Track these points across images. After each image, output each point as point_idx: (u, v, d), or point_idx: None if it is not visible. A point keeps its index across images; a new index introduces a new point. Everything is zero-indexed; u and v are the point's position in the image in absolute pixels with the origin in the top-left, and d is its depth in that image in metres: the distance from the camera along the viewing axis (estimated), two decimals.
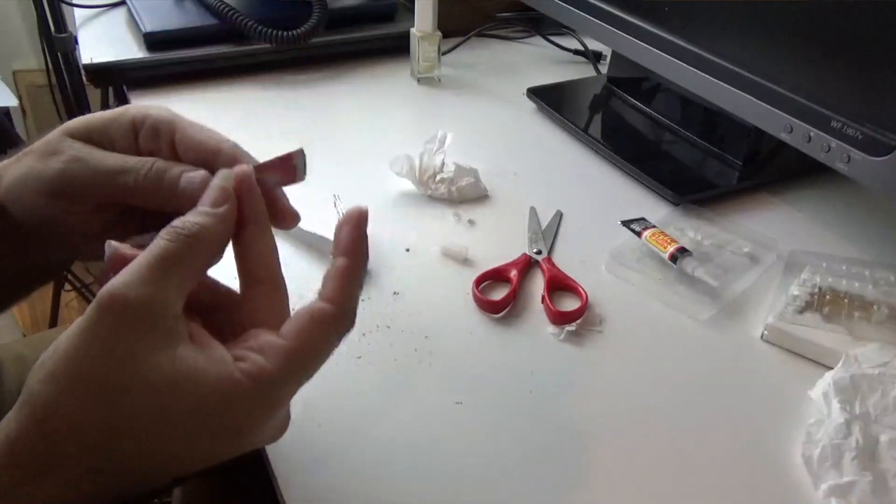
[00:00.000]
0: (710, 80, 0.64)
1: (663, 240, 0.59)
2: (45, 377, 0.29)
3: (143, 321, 0.29)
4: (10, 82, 1.87)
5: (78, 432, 0.29)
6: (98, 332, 0.29)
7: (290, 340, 0.32)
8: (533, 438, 0.46)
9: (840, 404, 0.46)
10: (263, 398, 0.31)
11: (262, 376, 0.31)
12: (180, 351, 0.30)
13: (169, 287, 0.31)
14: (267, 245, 0.35)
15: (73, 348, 0.29)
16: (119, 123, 0.39)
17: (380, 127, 0.82)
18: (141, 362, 0.29)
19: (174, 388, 0.29)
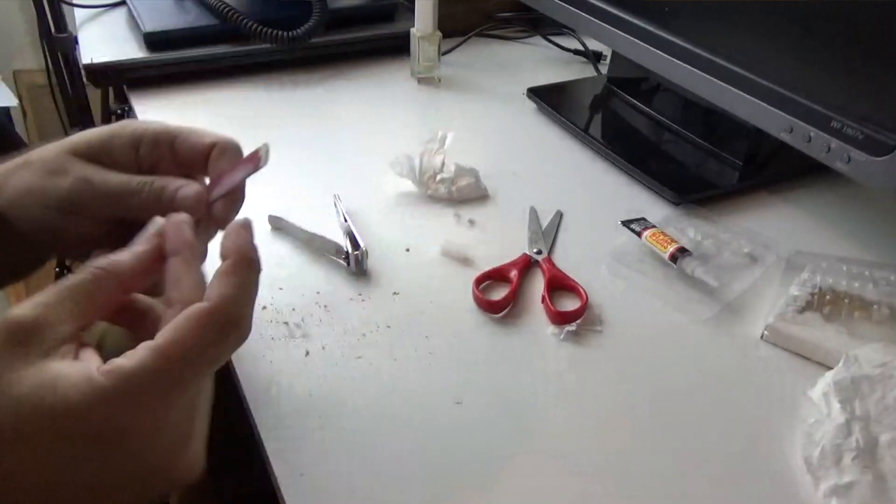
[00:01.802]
0: (711, 80, 0.64)
1: (663, 240, 0.59)
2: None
3: (24, 337, 0.30)
4: (10, 82, 1.87)
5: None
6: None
7: (160, 340, 0.31)
8: (533, 438, 0.46)
9: (840, 404, 0.46)
10: (121, 397, 0.29)
11: (117, 373, 0.29)
12: (49, 364, 0.30)
13: (60, 310, 0.32)
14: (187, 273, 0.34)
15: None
16: (120, 139, 0.41)
17: (380, 127, 0.82)
18: (10, 375, 0.29)
19: (31, 397, 0.29)
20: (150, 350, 0.30)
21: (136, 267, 0.35)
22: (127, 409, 0.29)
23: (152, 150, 0.41)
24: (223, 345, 0.32)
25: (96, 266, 0.34)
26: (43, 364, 0.30)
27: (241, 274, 0.33)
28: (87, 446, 0.29)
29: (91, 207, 0.40)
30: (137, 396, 0.30)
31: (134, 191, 0.40)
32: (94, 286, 0.33)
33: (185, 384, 0.31)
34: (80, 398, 0.29)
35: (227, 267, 0.34)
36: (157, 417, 0.30)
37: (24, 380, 0.29)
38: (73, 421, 0.29)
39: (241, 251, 0.34)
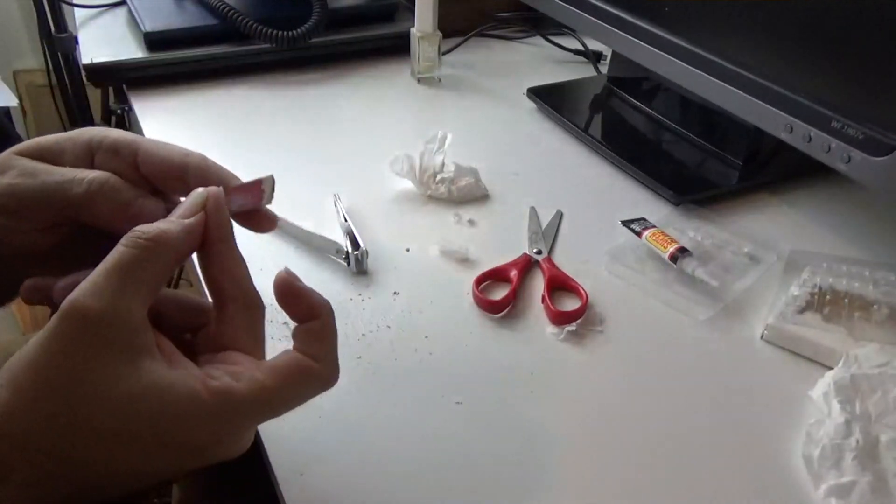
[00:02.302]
0: (711, 80, 0.64)
1: (663, 240, 0.59)
2: (7, 382, 0.29)
3: (104, 333, 0.29)
4: (11, 82, 1.87)
5: (34, 438, 0.29)
6: (59, 342, 0.29)
7: (267, 377, 0.32)
8: (533, 438, 0.46)
9: (840, 404, 0.46)
10: (226, 419, 0.31)
11: (227, 396, 0.31)
12: (145, 364, 0.30)
13: (129, 296, 0.30)
14: (236, 263, 0.35)
15: (34, 356, 0.29)
16: (74, 142, 0.38)
17: (380, 127, 0.82)
18: (101, 374, 0.29)
19: (135, 402, 0.29)
20: (260, 386, 0.32)
21: (187, 239, 0.33)
22: (225, 429, 0.32)
23: (110, 159, 0.38)
24: (308, 399, 0.34)
25: (144, 237, 0.31)
26: (134, 363, 0.30)
27: (335, 333, 0.35)
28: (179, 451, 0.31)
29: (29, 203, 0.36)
30: (237, 421, 0.32)
31: (78, 179, 0.36)
32: (149, 263, 0.31)
33: (269, 418, 0.34)
34: (188, 412, 0.30)
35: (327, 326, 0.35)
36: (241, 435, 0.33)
37: (121, 381, 0.29)
38: (176, 432, 0.30)
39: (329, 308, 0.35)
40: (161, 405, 0.30)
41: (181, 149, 0.38)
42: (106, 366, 0.29)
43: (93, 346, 0.29)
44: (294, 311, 0.35)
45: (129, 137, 0.38)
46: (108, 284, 0.30)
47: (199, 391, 0.30)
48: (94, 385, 0.29)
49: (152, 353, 0.31)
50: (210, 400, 0.30)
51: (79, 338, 0.29)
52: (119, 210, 0.36)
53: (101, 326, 0.29)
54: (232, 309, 0.34)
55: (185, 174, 0.37)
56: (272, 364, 0.33)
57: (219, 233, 0.34)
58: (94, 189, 0.36)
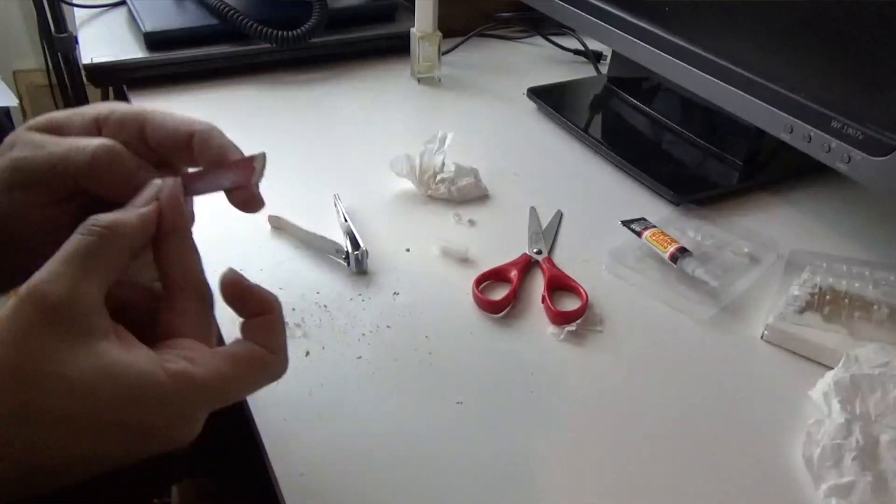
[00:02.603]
0: (711, 80, 0.64)
1: (663, 240, 0.59)
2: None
3: (61, 317, 0.30)
4: (10, 82, 1.87)
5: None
6: (15, 324, 0.29)
7: (224, 364, 0.33)
8: (533, 438, 0.46)
9: (840, 404, 0.46)
10: (182, 403, 0.31)
11: (186, 379, 0.31)
12: (102, 346, 0.30)
13: (85, 282, 0.31)
14: (188, 254, 0.35)
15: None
16: (81, 116, 0.39)
17: (380, 127, 0.82)
18: (58, 356, 0.29)
19: (90, 383, 0.30)
20: (216, 371, 0.32)
21: (142, 228, 0.34)
22: (181, 412, 0.32)
23: (118, 132, 0.38)
24: (259, 388, 0.35)
25: (99, 225, 0.32)
26: (90, 345, 0.30)
27: (283, 325, 0.36)
28: (133, 433, 0.31)
29: (38, 174, 0.36)
30: (193, 403, 0.32)
31: (83, 147, 0.36)
32: (105, 250, 0.32)
33: (221, 405, 0.34)
34: (144, 393, 0.30)
35: (276, 321, 0.35)
36: (194, 419, 0.33)
37: (77, 362, 0.29)
38: (131, 412, 0.30)
39: (277, 303, 0.36)
40: (118, 386, 0.30)
41: (189, 119, 0.39)
42: (63, 349, 0.30)
43: (50, 330, 0.30)
44: (245, 308, 0.35)
45: (136, 110, 0.39)
46: (66, 270, 0.30)
47: (157, 373, 0.30)
48: (50, 367, 0.29)
49: (109, 336, 0.31)
50: (168, 382, 0.30)
51: (36, 322, 0.29)
52: (122, 179, 0.36)
53: (58, 311, 0.30)
54: (182, 298, 0.34)
55: (191, 144, 0.38)
56: (230, 352, 0.33)
57: (172, 223, 0.35)
58: (98, 156, 0.36)
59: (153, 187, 0.36)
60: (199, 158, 0.38)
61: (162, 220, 0.35)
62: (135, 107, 0.39)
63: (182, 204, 0.36)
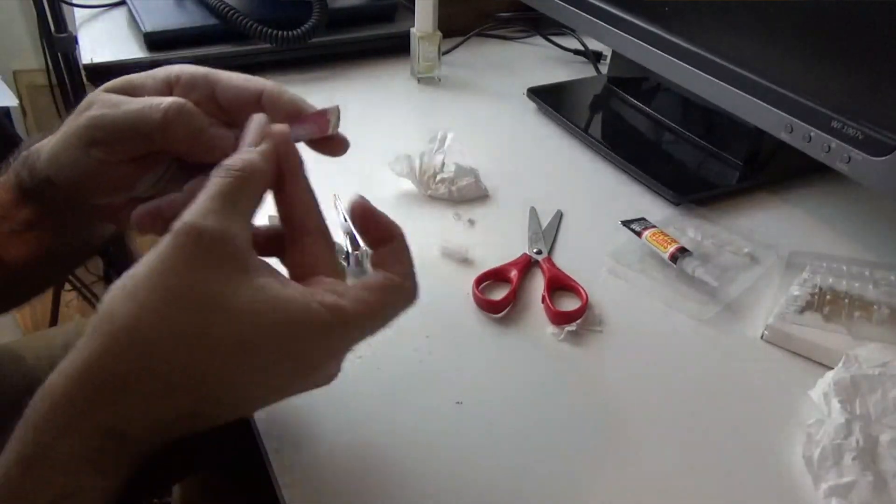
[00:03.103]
0: (711, 80, 0.64)
1: (663, 240, 0.59)
2: (125, 297, 0.30)
3: (219, 250, 0.31)
4: (10, 82, 1.87)
5: (158, 345, 0.29)
6: (176, 256, 0.30)
7: (368, 294, 0.33)
8: (533, 438, 0.46)
9: (840, 404, 0.45)
10: (337, 334, 0.32)
11: (340, 312, 0.32)
12: (261, 281, 0.31)
13: (234, 219, 0.32)
14: (309, 197, 0.37)
15: (153, 270, 0.30)
16: (154, 78, 0.40)
17: (380, 127, 0.82)
18: (221, 286, 0.30)
19: (257, 314, 0.30)
20: (363, 302, 0.33)
21: (268, 168, 0.35)
22: (338, 344, 0.33)
23: (188, 92, 0.40)
24: (399, 314, 0.36)
25: (235, 168, 0.33)
26: (250, 279, 0.31)
27: (410, 253, 0.37)
28: (299, 365, 0.32)
29: (114, 133, 0.38)
30: (347, 335, 0.33)
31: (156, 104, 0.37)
32: (245, 189, 0.33)
33: (369, 336, 0.35)
34: (307, 326, 0.31)
35: (403, 247, 0.37)
36: (344, 352, 0.35)
37: (243, 294, 0.30)
38: (298, 344, 0.31)
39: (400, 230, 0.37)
40: (281, 318, 0.31)
41: (257, 78, 0.40)
42: (225, 280, 0.30)
43: (210, 261, 0.30)
44: (372, 234, 0.37)
45: (205, 71, 0.41)
46: (216, 208, 0.31)
47: (315, 306, 0.31)
48: (215, 296, 0.30)
49: (263, 272, 0.32)
50: (326, 315, 0.31)
51: (196, 253, 0.30)
52: (194, 136, 0.38)
53: (216, 244, 0.31)
54: (310, 240, 0.35)
55: (260, 102, 0.40)
56: (369, 283, 0.34)
57: (289, 168, 0.36)
58: (171, 114, 0.37)
59: (258, 122, 0.37)
60: (270, 114, 0.39)
61: (281, 164, 0.36)
62: (203, 68, 0.41)
63: (294, 147, 0.37)
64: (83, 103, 0.39)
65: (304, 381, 0.34)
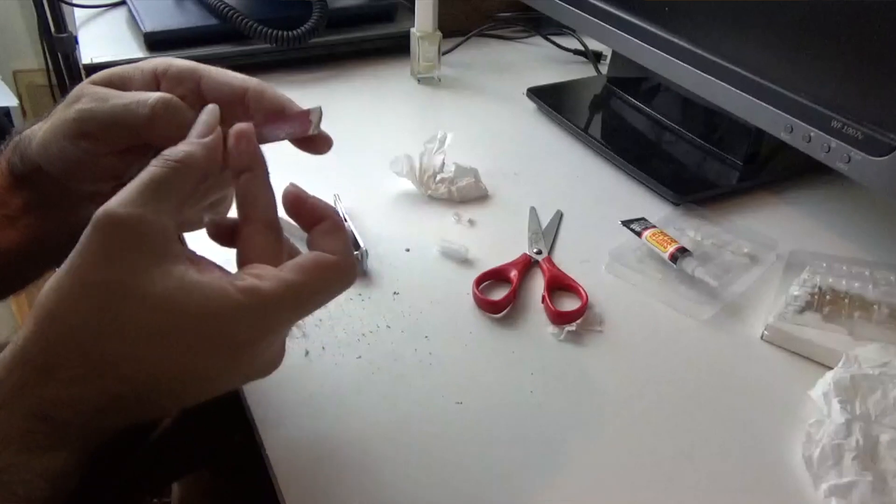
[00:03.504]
0: (711, 80, 0.64)
1: (663, 240, 0.59)
2: (50, 286, 0.31)
3: (137, 237, 0.31)
4: (10, 82, 1.87)
5: (76, 332, 0.31)
6: (94, 246, 0.31)
7: (290, 273, 0.33)
8: (533, 439, 0.46)
9: (840, 404, 0.45)
10: (256, 315, 0.32)
11: (255, 293, 0.32)
12: (179, 268, 0.32)
13: (159, 208, 0.32)
14: (261, 189, 0.37)
15: (72, 262, 0.31)
16: (141, 71, 0.41)
17: (380, 127, 0.82)
18: (138, 273, 0.31)
19: (170, 300, 0.31)
20: (283, 281, 0.33)
21: (209, 159, 0.36)
22: (259, 325, 0.33)
23: (175, 87, 0.40)
24: (334, 294, 0.36)
25: (172, 158, 0.34)
26: (165, 266, 0.32)
27: (346, 232, 0.37)
28: (220, 347, 0.32)
29: (102, 126, 0.38)
30: (269, 317, 0.33)
31: (143, 100, 0.38)
32: (176, 180, 0.34)
33: (301, 316, 0.35)
34: (222, 308, 0.31)
35: (337, 224, 0.37)
36: (274, 337, 0.34)
37: (156, 280, 0.31)
38: (214, 325, 0.32)
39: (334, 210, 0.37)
40: (196, 301, 0.31)
41: (241, 75, 0.41)
42: (141, 266, 0.31)
43: (127, 249, 0.31)
44: (303, 217, 0.37)
45: (192, 66, 0.41)
46: (137, 196, 0.32)
47: (228, 289, 0.32)
48: (132, 283, 0.31)
49: (182, 259, 0.33)
50: (240, 296, 0.32)
51: (113, 242, 0.31)
52: (180, 131, 0.38)
53: (132, 231, 0.31)
54: (252, 229, 0.36)
55: (245, 99, 0.40)
56: (294, 262, 0.34)
57: (246, 162, 0.37)
58: (157, 110, 0.38)
59: (209, 113, 0.38)
60: (253, 111, 0.40)
61: (237, 159, 0.36)
62: (190, 62, 0.42)
63: (255, 144, 0.37)
64: (72, 94, 0.40)
65: (237, 367, 0.34)
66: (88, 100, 0.39)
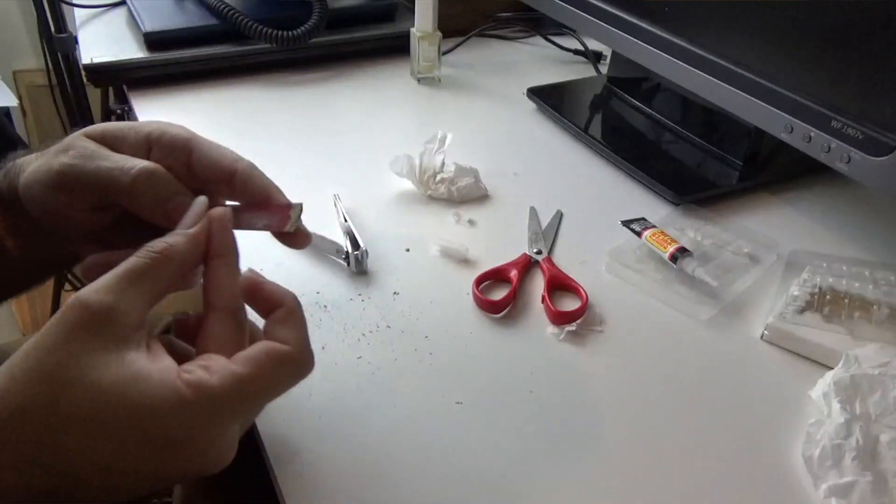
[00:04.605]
0: (710, 80, 0.64)
1: (663, 240, 0.59)
2: (5, 366, 0.31)
3: (100, 324, 0.31)
4: (10, 82, 1.87)
5: (20, 420, 0.30)
6: (58, 329, 0.31)
7: (239, 366, 0.33)
8: (533, 438, 0.46)
9: (840, 404, 0.46)
10: (201, 411, 0.31)
11: (202, 388, 0.31)
12: (131, 356, 0.32)
13: (131, 298, 0.32)
14: (228, 277, 0.36)
15: (33, 342, 0.31)
16: (135, 132, 0.41)
17: (380, 127, 0.82)
18: (90, 361, 0.31)
19: (115, 389, 0.30)
20: (231, 376, 0.32)
21: (192, 251, 0.35)
22: (201, 423, 0.32)
23: (164, 157, 0.40)
24: (290, 385, 0.35)
25: (154, 250, 0.34)
26: (120, 354, 0.31)
27: (303, 319, 0.36)
28: (156, 444, 0.31)
29: (82, 184, 0.38)
30: (213, 414, 0.32)
31: (127, 168, 0.38)
32: (156, 271, 0.34)
33: (252, 412, 0.35)
34: (163, 403, 0.31)
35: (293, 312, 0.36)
36: (218, 433, 0.33)
37: (105, 368, 0.31)
38: (151, 421, 0.31)
39: (292, 296, 0.37)
40: (138, 393, 0.31)
41: (232, 154, 0.41)
42: (96, 355, 0.31)
43: (87, 336, 0.31)
44: (259, 305, 0.37)
45: (185, 137, 0.41)
46: (112, 285, 0.32)
47: (174, 382, 0.31)
48: (80, 370, 0.30)
49: (139, 346, 0.32)
50: (184, 390, 0.31)
51: (76, 328, 0.31)
52: (158, 203, 0.38)
53: (97, 318, 0.31)
54: (214, 318, 0.35)
55: (232, 179, 0.40)
56: (244, 354, 0.34)
57: (217, 250, 0.37)
58: (139, 180, 0.38)
59: (199, 204, 0.38)
60: (239, 195, 0.40)
61: (210, 245, 0.36)
62: (186, 132, 0.41)
63: (230, 230, 0.37)
64: (65, 142, 0.40)
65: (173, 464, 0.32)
66: (75, 154, 0.39)
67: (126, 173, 0.38)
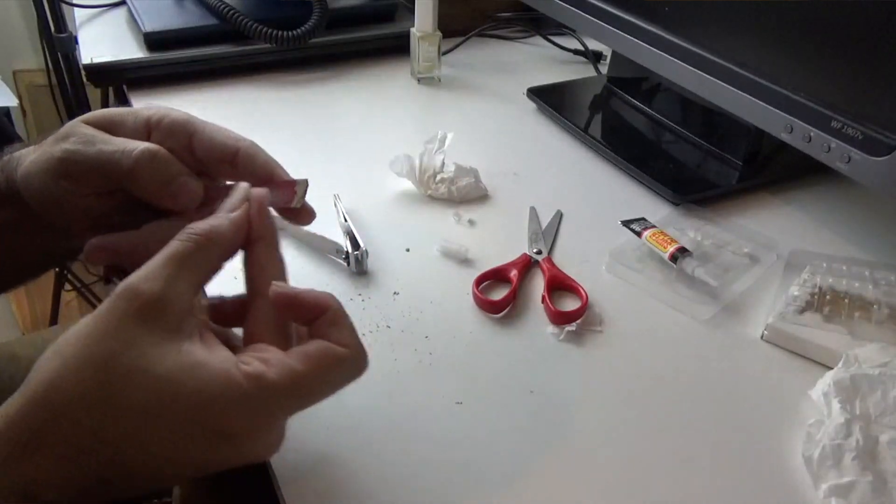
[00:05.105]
0: (710, 80, 0.64)
1: (663, 240, 0.59)
2: (52, 354, 0.31)
3: (153, 313, 0.31)
4: (10, 82, 1.87)
5: (73, 409, 0.30)
6: (109, 317, 0.31)
7: (298, 362, 0.33)
8: (533, 438, 0.46)
9: (840, 404, 0.46)
10: (258, 405, 0.31)
11: (260, 383, 0.31)
12: (185, 346, 0.31)
13: (179, 284, 0.32)
14: (272, 260, 0.36)
15: (83, 330, 0.31)
16: (135, 117, 0.40)
17: (380, 127, 0.82)
18: (145, 350, 0.30)
19: (173, 380, 0.30)
20: (291, 371, 0.32)
21: (235, 234, 0.35)
22: (257, 416, 0.32)
23: (165, 139, 0.40)
24: (341, 386, 0.35)
25: (196, 233, 0.34)
26: (176, 344, 0.31)
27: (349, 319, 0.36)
28: (211, 435, 0.31)
29: (85, 169, 0.38)
30: (269, 407, 0.32)
31: (128, 150, 0.37)
32: (200, 255, 0.34)
33: (304, 407, 0.34)
34: (221, 394, 0.31)
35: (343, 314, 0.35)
36: (271, 426, 0.33)
37: (161, 358, 0.31)
38: (209, 412, 0.31)
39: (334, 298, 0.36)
40: (197, 385, 0.31)
41: (234, 134, 0.41)
42: (150, 344, 0.31)
43: (140, 325, 0.31)
44: (301, 314, 0.35)
45: (185, 119, 0.41)
46: (162, 272, 0.32)
47: (233, 374, 0.31)
48: (135, 361, 0.30)
49: (193, 336, 0.32)
50: (244, 383, 0.31)
51: (129, 316, 0.31)
52: (160, 184, 0.38)
53: (150, 308, 0.31)
54: (260, 303, 0.35)
55: (235, 159, 0.40)
56: (302, 350, 0.33)
57: (259, 232, 0.36)
58: (141, 162, 0.37)
59: (241, 190, 0.37)
60: (242, 174, 0.40)
61: (250, 228, 0.36)
62: (186, 115, 0.41)
63: (268, 211, 0.37)
64: (63, 130, 0.39)
65: (230, 451, 0.32)
66: (76, 140, 0.38)
67: (128, 156, 0.37)
